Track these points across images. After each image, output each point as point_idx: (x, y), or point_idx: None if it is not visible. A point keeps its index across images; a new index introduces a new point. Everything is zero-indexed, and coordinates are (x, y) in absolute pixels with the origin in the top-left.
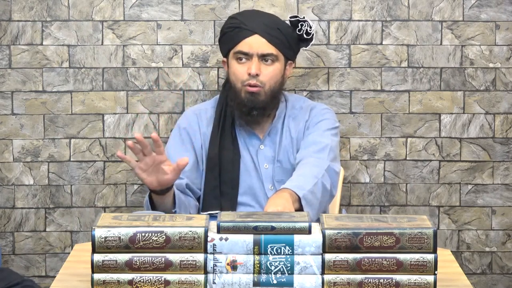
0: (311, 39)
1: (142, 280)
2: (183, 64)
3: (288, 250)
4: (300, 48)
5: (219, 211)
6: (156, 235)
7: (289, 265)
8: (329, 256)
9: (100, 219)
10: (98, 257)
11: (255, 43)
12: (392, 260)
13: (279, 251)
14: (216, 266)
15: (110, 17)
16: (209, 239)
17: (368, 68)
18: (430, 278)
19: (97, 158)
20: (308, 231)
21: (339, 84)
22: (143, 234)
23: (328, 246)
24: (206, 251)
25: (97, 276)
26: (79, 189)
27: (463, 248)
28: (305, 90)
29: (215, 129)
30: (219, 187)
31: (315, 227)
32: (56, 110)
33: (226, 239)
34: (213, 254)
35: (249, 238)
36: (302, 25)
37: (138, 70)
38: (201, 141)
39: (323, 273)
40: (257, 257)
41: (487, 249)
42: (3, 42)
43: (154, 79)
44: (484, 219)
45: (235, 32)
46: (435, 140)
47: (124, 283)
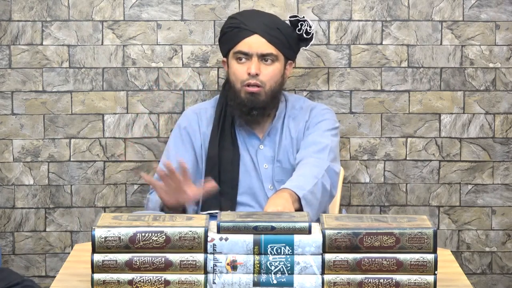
0: (311, 38)
1: (142, 280)
2: (183, 64)
3: (288, 250)
4: (300, 48)
5: (219, 211)
6: (156, 235)
7: (289, 265)
8: (329, 256)
9: (100, 219)
10: (98, 257)
11: (255, 43)
12: (392, 260)
13: (279, 251)
14: (216, 266)
15: (110, 17)
16: (209, 239)
17: (368, 68)
18: (430, 278)
19: (97, 158)
20: (308, 231)
21: (339, 84)
22: (143, 234)
23: (328, 246)
24: (206, 251)
25: (97, 276)
26: (79, 189)
27: (463, 248)
28: (305, 90)
29: (215, 129)
30: (219, 187)
31: (315, 227)
32: (56, 110)
33: (226, 239)
34: (213, 254)
35: (249, 238)
36: (302, 24)
37: (138, 70)
38: (200, 140)
39: (323, 273)
40: (257, 257)
41: (487, 249)
42: (3, 42)
43: (154, 79)
44: (484, 219)
45: (234, 32)
46: (435, 140)
47: (124, 283)
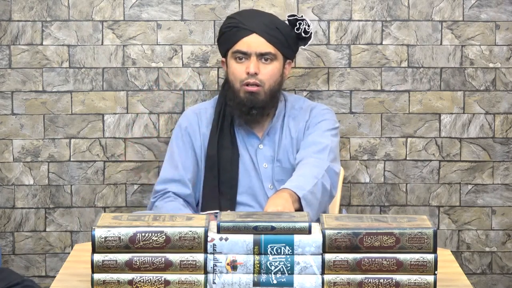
0: (310, 37)
1: (142, 280)
2: (183, 64)
3: (288, 250)
4: (298, 47)
5: (218, 210)
6: (156, 235)
7: (289, 265)
8: (329, 256)
9: (100, 219)
10: (98, 257)
11: (254, 42)
12: (392, 260)
13: (279, 251)
14: (216, 266)
15: (110, 17)
16: (209, 239)
17: (368, 68)
18: (430, 278)
19: (97, 158)
20: (308, 231)
21: (339, 84)
22: (143, 234)
23: (328, 246)
24: (206, 251)
25: (97, 276)
26: (79, 189)
27: (463, 248)
28: (305, 90)
29: (214, 128)
30: (218, 187)
31: (315, 227)
32: (56, 110)
33: (226, 239)
34: (213, 254)
35: (249, 238)
36: (300, 23)
37: (138, 70)
38: (200, 141)
39: (323, 273)
40: (257, 257)
41: (487, 249)
42: (3, 42)
43: (154, 79)
44: (484, 219)
45: (233, 31)
46: (435, 140)
47: (124, 283)
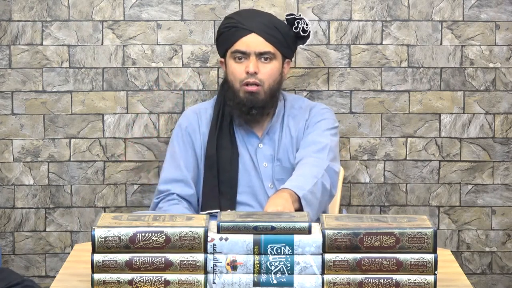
0: (308, 36)
1: (142, 280)
2: (183, 64)
3: (288, 250)
4: (297, 46)
5: (218, 210)
6: (156, 235)
7: (289, 265)
8: (329, 256)
9: (100, 219)
10: (98, 257)
11: (252, 41)
12: (392, 260)
13: (279, 251)
14: (216, 266)
15: (110, 17)
16: (209, 239)
17: (368, 68)
18: (430, 278)
19: (97, 158)
20: (308, 231)
21: (339, 84)
22: (143, 234)
23: (328, 246)
24: (206, 251)
25: (97, 276)
26: (79, 189)
27: (463, 248)
28: (305, 90)
29: (213, 128)
30: (218, 187)
31: (315, 227)
32: (56, 110)
33: (226, 239)
34: (213, 254)
35: (249, 238)
36: (298, 22)
37: (138, 70)
38: (200, 140)
39: (323, 273)
40: (257, 257)
41: (487, 249)
42: (3, 42)
43: (154, 79)
44: (484, 219)
45: (232, 31)
46: (435, 140)
47: (124, 283)
